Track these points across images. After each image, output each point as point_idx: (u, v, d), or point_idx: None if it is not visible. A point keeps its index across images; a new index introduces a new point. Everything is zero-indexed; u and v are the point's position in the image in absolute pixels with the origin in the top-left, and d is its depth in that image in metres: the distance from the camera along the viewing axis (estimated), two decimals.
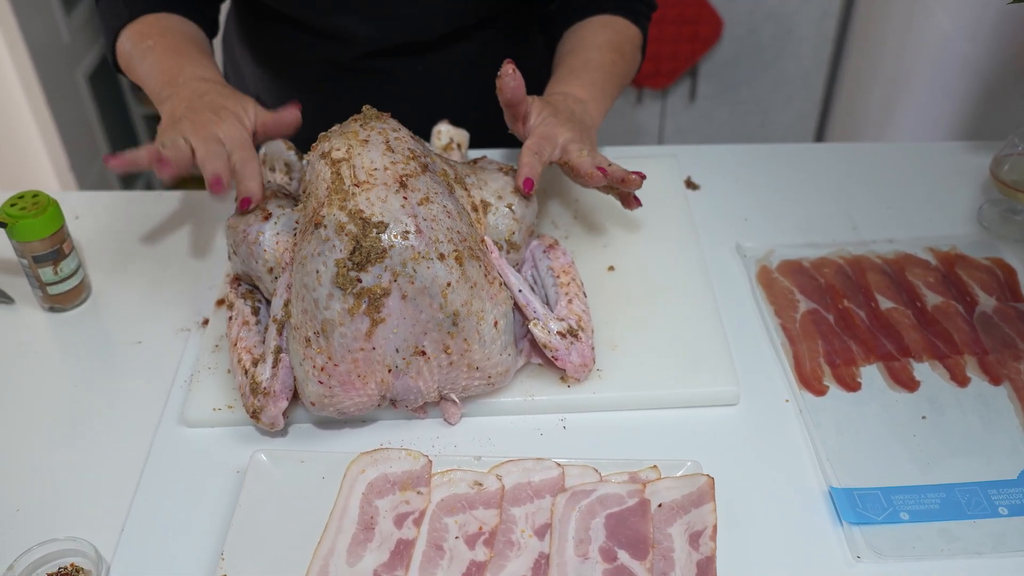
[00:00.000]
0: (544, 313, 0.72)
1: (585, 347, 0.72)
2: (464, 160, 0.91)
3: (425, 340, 0.67)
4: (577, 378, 0.73)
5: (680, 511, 0.63)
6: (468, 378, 0.70)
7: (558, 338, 0.71)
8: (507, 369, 0.71)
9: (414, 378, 0.68)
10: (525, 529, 0.64)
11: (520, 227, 0.75)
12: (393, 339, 0.66)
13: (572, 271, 0.77)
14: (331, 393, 0.68)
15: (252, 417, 0.70)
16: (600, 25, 0.92)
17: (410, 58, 0.94)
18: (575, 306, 0.74)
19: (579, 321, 0.73)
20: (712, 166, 1.01)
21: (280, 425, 0.70)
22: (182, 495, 0.68)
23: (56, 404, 0.77)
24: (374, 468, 0.67)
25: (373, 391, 0.68)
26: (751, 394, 0.75)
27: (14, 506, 0.69)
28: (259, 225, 0.73)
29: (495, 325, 0.68)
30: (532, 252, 0.79)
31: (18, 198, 0.81)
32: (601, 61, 0.88)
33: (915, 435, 0.71)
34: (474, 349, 0.68)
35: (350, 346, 0.66)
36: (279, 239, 0.73)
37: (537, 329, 0.71)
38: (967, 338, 0.79)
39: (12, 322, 0.85)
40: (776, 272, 0.87)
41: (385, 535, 0.64)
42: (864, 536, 0.64)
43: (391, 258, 0.64)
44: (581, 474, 0.67)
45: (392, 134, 0.71)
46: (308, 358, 0.67)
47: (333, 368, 0.67)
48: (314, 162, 0.72)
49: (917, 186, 0.98)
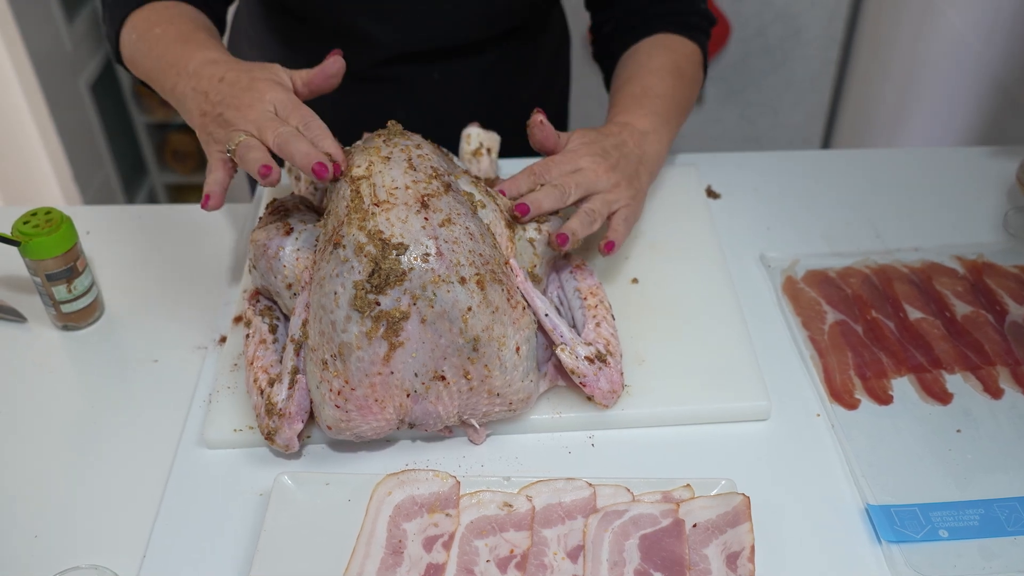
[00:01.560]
0: (571, 337, 0.70)
1: (614, 372, 0.70)
2: (494, 164, 0.89)
3: (445, 365, 0.65)
4: (606, 404, 0.71)
5: (716, 531, 0.62)
6: (489, 404, 0.68)
7: (586, 363, 0.69)
8: (528, 396, 0.69)
9: (433, 403, 0.67)
10: (557, 551, 0.62)
11: (541, 261, 0.73)
12: (412, 363, 0.65)
13: (600, 293, 0.75)
14: (348, 417, 0.66)
15: (267, 439, 0.68)
16: (657, 47, 0.88)
17: (427, 66, 0.93)
18: (603, 330, 0.72)
19: (607, 345, 0.71)
20: (732, 174, 1.00)
21: (295, 448, 0.69)
22: (204, 519, 0.67)
23: (72, 425, 0.75)
24: (401, 490, 0.66)
25: (391, 415, 0.67)
26: (782, 408, 0.74)
27: (32, 532, 0.67)
28: (280, 239, 0.72)
29: (517, 351, 0.67)
30: (558, 272, 0.77)
31: (31, 215, 0.79)
32: (662, 88, 0.84)
33: (950, 449, 0.70)
34: (495, 375, 0.66)
35: (367, 370, 0.64)
36: (299, 255, 0.71)
37: (564, 354, 0.69)
38: (999, 348, 0.78)
39: (25, 341, 0.83)
40: (802, 282, 0.86)
41: (414, 559, 0.62)
42: (903, 554, 0.62)
43: (411, 281, 0.63)
44: (613, 494, 0.65)
45: (415, 151, 0.70)
46: (325, 381, 0.66)
47: (350, 392, 0.65)
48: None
49: (940, 192, 0.97)
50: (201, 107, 0.70)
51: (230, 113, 0.68)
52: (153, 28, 0.79)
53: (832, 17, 1.78)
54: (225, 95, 0.69)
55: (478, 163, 0.89)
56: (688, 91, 0.88)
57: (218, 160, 0.68)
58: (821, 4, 1.77)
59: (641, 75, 0.86)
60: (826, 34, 1.81)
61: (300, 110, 0.68)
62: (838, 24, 1.79)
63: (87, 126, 2.13)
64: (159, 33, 0.78)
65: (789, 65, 1.85)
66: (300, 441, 0.70)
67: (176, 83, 0.74)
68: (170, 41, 0.77)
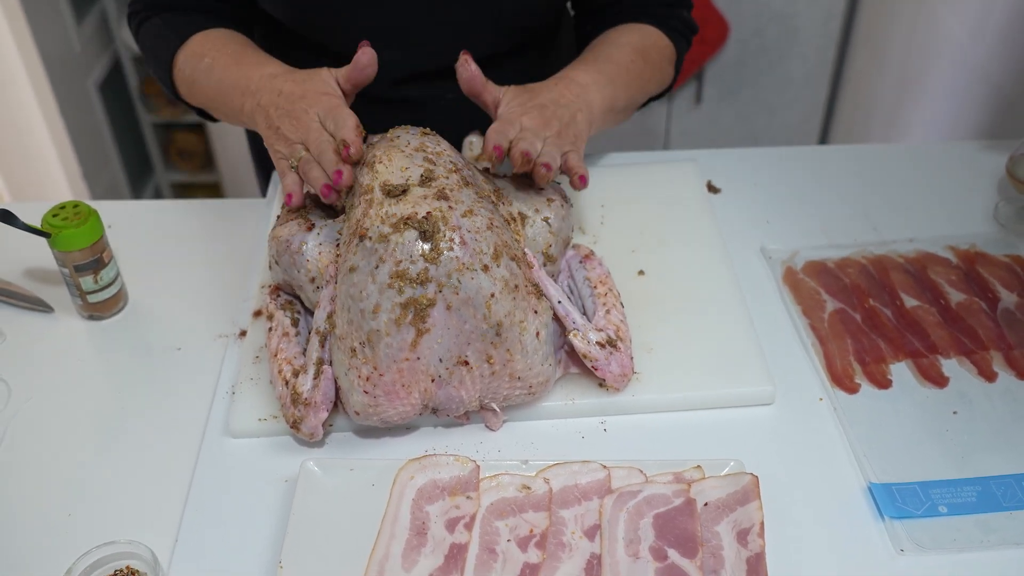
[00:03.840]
0: (583, 324, 0.73)
1: (624, 357, 0.73)
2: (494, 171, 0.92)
3: (468, 350, 0.68)
4: (617, 387, 0.74)
5: (726, 509, 0.65)
6: (510, 388, 0.71)
7: (597, 348, 0.72)
8: (548, 379, 0.72)
9: (456, 387, 0.70)
10: (575, 531, 0.65)
11: (556, 239, 0.76)
12: (437, 349, 0.67)
13: (609, 281, 0.79)
14: (375, 403, 0.69)
15: (292, 427, 0.71)
16: (628, 29, 0.92)
17: (439, 86, 0.94)
18: (613, 316, 0.75)
19: (618, 331, 0.74)
20: (732, 170, 1.03)
21: (319, 436, 0.71)
22: (232, 503, 0.70)
23: (100, 411, 0.78)
24: (423, 474, 0.68)
25: (416, 400, 0.70)
26: (785, 393, 0.77)
27: (66, 511, 0.70)
28: (302, 235, 0.74)
29: (537, 336, 0.70)
30: (568, 263, 0.81)
31: (59, 208, 0.82)
32: (619, 57, 0.87)
33: (947, 430, 0.73)
34: (516, 359, 0.69)
35: (395, 356, 0.67)
36: (321, 249, 0.74)
37: (577, 340, 0.72)
38: (992, 334, 0.81)
39: (53, 330, 0.86)
40: (801, 273, 0.89)
41: (438, 540, 0.65)
42: (906, 530, 0.65)
43: (436, 269, 0.65)
44: (627, 476, 0.68)
45: (433, 147, 0.73)
46: (353, 368, 0.68)
47: (378, 378, 0.68)
48: (359, 172, 0.73)
49: (933, 186, 1.00)
50: (266, 122, 0.77)
51: (287, 127, 0.75)
52: (203, 59, 0.85)
53: (828, 17, 1.82)
54: (282, 109, 0.76)
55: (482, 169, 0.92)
56: (648, 72, 0.89)
57: (287, 169, 0.75)
58: (817, 4, 1.80)
59: (603, 46, 0.89)
60: (822, 34, 1.84)
61: (337, 114, 0.74)
62: (834, 24, 1.83)
63: (95, 125, 2.15)
64: (209, 63, 0.84)
65: (786, 64, 1.88)
66: (324, 430, 0.72)
67: (243, 103, 0.80)
68: (225, 66, 0.83)
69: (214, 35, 0.87)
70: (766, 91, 1.92)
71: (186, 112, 2.30)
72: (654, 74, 0.92)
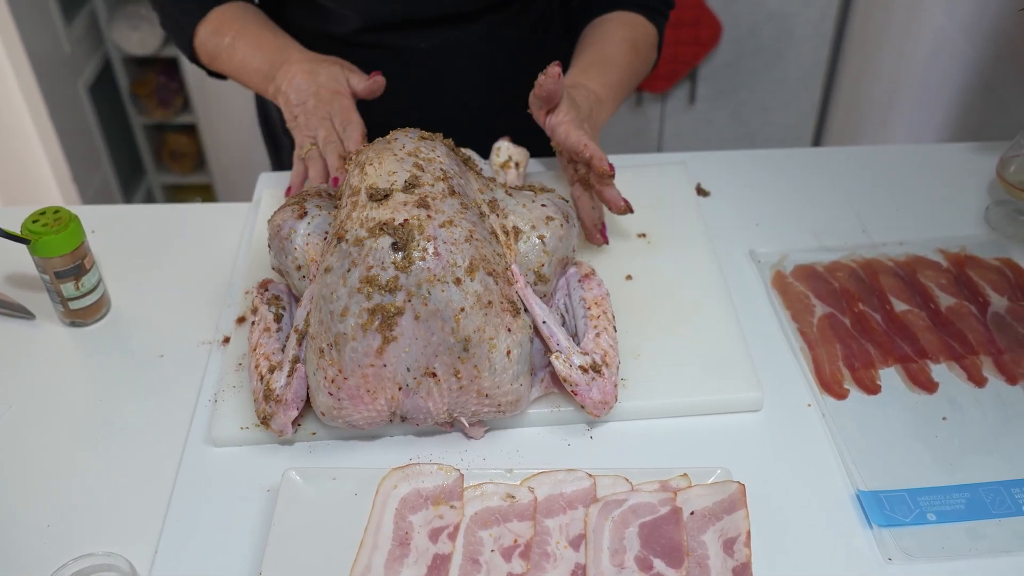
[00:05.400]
0: (567, 346, 0.71)
1: (607, 384, 0.71)
2: (521, 178, 0.91)
3: (436, 362, 0.67)
4: (596, 415, 0.71)
5: (712, 518, 0.64)
6: (478, 404, 0.70)
7: (579, 372, 0.70)
8: (518, 399, 0.70)
9: (424, 398, 0.69)
10: (560, 540, 0.65)
11: (550, 259, 0.74)
12: (404, 358, 0.67)
13: (604, 303, 0.76)
14: (340, 406, 0.68)
15: (262, 423, 0.71)
16: (619, 22, 0.97)
17: (414, 35, 0.98)
18: (602, 340, 0.73)
19: (604, 356, 0.72)
20: (721, 172, 1.02)
21: (289, 433, 0.71)
22: (213, 512, 0.69)
23: (81, 419, 0.77)
24: (406, 483, 0.68)
25: (383, 407, 0.69)
26: (773, 399, 0.76)
27: (44, 521, 0.69)
28: (293, 222, 0.74)
29: (507, 354, 0.68)
30: (567, 280, 0.78)
31: (39, 214, 0.81)
32: (620, 59, 0.93)
33: (936, 436, 0.72)
34: (484, 376, 0.68)
35: (360, 361, 0.66)
36: (309, 240, 0.73)
37: (559, 362, 0.70)
38: (982, 338, 0.81)
39: (33, 337, 0.85)
40: (791, 277, 0.88)
41: (421, 550, 0.64)
42: (894, 538, 0.65)
43: (407, 278, 0.65)
44: (612, 484, 0.67)
45: (427, 153, 0.72)
46: (320, 369, 0.68)
47: (343, 381, 0.67)
48: (351, 172, 0.72)
49: (924, 188, 1.00)
50: (287, 108, 0.88)
51: (302, 118, 0.86)
52: (224, 37, 0.93)
53: (823, 17, 1.81)
54: (299, 98, 0.87)
55: (505, 175, 0.91)
56: (641, 68, 0.97)
57: (296, 158, 0.86)
58: (812, 4, 1.79)
59: (603, 43, 0.95)
60: (817, 34, 1.83)
61: (346, 115, 0.85)
62: (828, 24, 1.82)
63: (85, 127, 2.14)
64: (230, 42, 0.93)
65: (781, 64, 1.88)
66: (294, 428, 0.72)
67: (266, 88, 0.91)
68: (246, 49, 0.92)
69: (232, 11, 0.95)
70: (760, 91, 1.92)
71: (178, 113, 2.29)
72: (645, 68, 0.99)
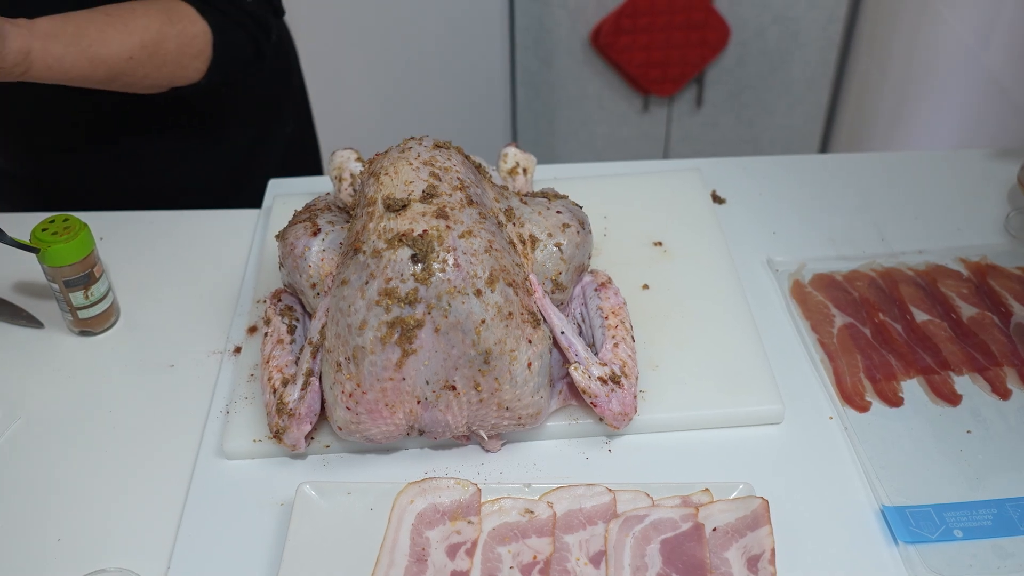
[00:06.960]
0: (586, 357, 0.70)
1: (627, 395, 0.70)
2: (529, 184, 0.90)
3: (456, 375, 0.66)
4: (616, 426, 0.71)
5: (736, 535, 0.63)
6: (498, 417, 0.69)
7: (598, 384, 0.69)
8: (538, 411, 0.69)
9: (443, 411, 0.68)
10: (580, 557, 0.63)
11: (568, 267, 0.73)
12: (424, 371, 0.65)
13: (622, 313, 0.74)
14: (358, 420, 0.67)
15: (274, 436, 0.70)
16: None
17: (113, 146, 0.99)
18: (621, 351, 0.72)
19: (623, 367, 0.71)
20: (736, 179, 1.01)
21: (302, 448, 0.70)
22: (226, 527, 0.68)
23: (90, 430, 0.76)
24: (423, 498, 0.66)
25: (401, 421, 0.68)
26: (794, 412, 0.75)
27: (55, 535, 0.68)
28: (306, 240, 0.73)
29: (528, 366, 0.67)
30: (583, 288, 0.77)
31: (49, 222, 0.80)
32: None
33: (961, 450, 0.71)
34: (505, 389, 0.67)
35: (379, 375, 0.65)
36: (324, 256, 0.72)
37: (577, 373, 0.69)
38: (1005, 349, 0.79)
39: (42, 347, 0.83)
40: (809, 286, 0.87)
41: (438, 567, 0.63)
42: (920, 555, 0.63)
43: (427, 290, 0.64)
44: (633, 499, 0.66)
45: (443, 161, 0.71)
46: (338, 383, 0.67)
47: (361, 395, 0.66)
48: (364, 182, 0.71)
49: (942, 195, 0.99)
50: None
51: None
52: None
53: (830, 19, 1.80)
54: None
55: (513, 181, 0.90)
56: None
57: None
58: (819, 6, 1.78)
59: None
60: (824, 36, 1.82)
61: None
62: (836, 26, 1.81)
63: None
64: None
65: (787, 67, 1.86)
66: (307, 443, 0.71)
67: None
68: None
69: None
70: (767, 94, 1.90)
71: None
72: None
